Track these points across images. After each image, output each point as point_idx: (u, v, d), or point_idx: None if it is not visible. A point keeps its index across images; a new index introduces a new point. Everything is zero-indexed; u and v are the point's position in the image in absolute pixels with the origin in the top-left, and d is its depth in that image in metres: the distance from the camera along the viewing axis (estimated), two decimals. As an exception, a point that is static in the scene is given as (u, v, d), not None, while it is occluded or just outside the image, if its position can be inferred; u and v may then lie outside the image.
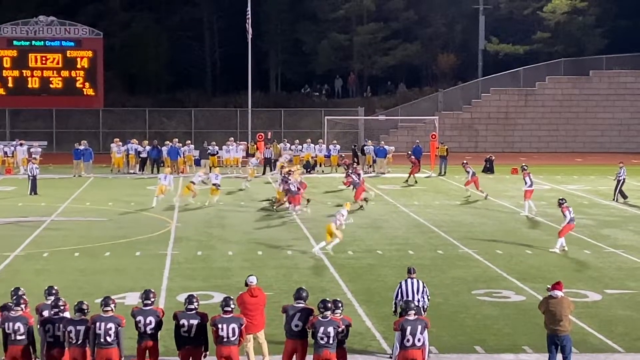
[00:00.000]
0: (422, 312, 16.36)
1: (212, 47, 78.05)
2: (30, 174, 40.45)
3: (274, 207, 36.22)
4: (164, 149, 49.50)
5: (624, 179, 39.31)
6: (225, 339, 14.64)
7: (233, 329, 14.66)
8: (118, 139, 50.53)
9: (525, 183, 35.12)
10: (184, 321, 14.73)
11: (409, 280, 17.38)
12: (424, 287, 17.36)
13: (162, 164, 49.14)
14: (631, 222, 33.76)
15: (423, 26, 75.24)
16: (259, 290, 16.28)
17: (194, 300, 14.90)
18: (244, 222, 33.11)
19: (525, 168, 36.24)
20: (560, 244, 27.65)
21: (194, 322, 14.72)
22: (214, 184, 37.98)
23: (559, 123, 67.34)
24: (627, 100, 67.95)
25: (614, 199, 39.10)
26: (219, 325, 14.69)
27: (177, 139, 50.96)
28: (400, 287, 17.30)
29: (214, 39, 77.88)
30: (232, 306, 14.83)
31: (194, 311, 14.82)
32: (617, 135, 66.99)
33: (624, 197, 39.05)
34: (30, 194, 39.80)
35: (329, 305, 14.61)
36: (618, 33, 72.48)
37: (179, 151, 49.23)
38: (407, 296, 16.95)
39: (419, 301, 16.91)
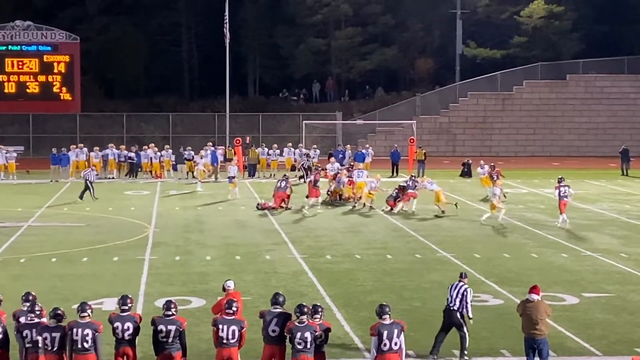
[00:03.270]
0: (460, 318, 17.13)
1: (190, 51, 77.88)
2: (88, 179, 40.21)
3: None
4: (142, 154, 49.50)
5: None
6: (225, 340, 14.65)
7: (233, 331, 14.66)
8: (98, 147, 50.39)
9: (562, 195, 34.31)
10: (161, 327, 14.68)
11: (456, 284, 17.73)
12: (465, 292, 17.52)
13: (141, 169, 49.22)
14: (608, 226, 33.91)
15: (401, 30, 75.35)
16: (237, 295, 16.27)
17: (172, 305, 14.87)
18: (222, 227, 33.06)
19: (562, 180, 34.84)
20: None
21: (172, 327, 14.68)
22: (229, 177, 40.79)
23: (536, 127, 67.59)
24: (604, 105, 68.28)
25: None
26: (220, 326, 14.71)
27: (153, 144, 50.97)
28: (449, 289, 17.66)
29: (191, 43, 77.71)
30: (235, 308, 14.82)
31: (172, 317, 14.77)
32: (594, 139, 67.28)
33: None
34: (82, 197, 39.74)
35: (305, 310, 14.60)
36: (594, 37, 72.86)
37: (154, 156, 49.28)
38: (449, 297, 17.52)
39: (457, 304, 17.31)
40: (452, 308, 17.45)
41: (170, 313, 14.78)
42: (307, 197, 37.52)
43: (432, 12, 75.03)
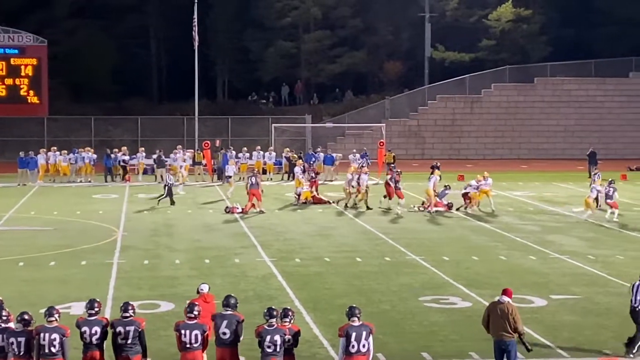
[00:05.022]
0: None
1: (159, 55, 77.65)
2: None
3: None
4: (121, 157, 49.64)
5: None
6: (188, 345, 14.57)
7: (196, 335, 14.58)
8: (66, 150, 50.17)
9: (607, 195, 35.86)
10: (120, 328, 14.62)
11: (638, 283, 17.96)
12: None
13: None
14: (576, 228, 34.11)
15: (370, 34, 75.49)
16: (211, 297, 16.25)
17: (129, 307, 14.81)
18: (191, 230, 32.96)
19: (612, 181, 36.64)
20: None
21: (130, 328, 14.60)
22: (227, 176, 42.74)
23: (505, 130, 67.96)
24: (571, 107, 68.76)
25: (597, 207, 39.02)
26: (182, 331, 14.62)
27: (125, 147, 50.95)
28: (632, 288, 18.09)
29: (160, 47, 77.47)
30: (196, 312, 14.75)
31: (129, 318, 14.70)
32: (562, 141, 67.72)
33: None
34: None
35: (275, 313, 14.58)
36: (562, 41, 73.33)
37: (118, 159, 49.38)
38: (633, 298, 17.86)
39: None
40: (637, 309, 17.74)
41: (128, 314, 14.71)
42: (385, 197, 38.65)
43: (401, 16, 75.24)
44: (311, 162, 48.03)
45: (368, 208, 38.33)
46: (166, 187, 39.41)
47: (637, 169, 58.07)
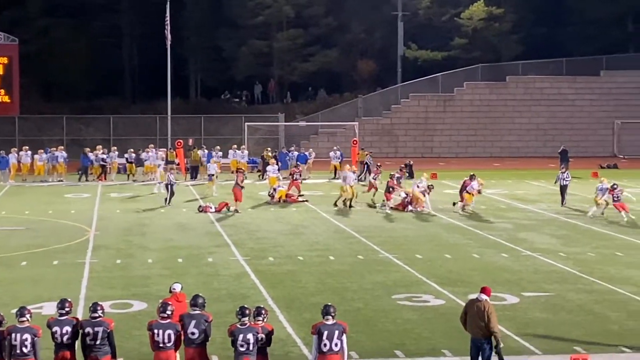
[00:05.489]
0: None
1: (131, 53, 77.36)
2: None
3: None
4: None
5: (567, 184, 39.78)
6: (161, 344, 14.52)
7: (169, 334, 14.52)
8: (42, 150, 49.92)
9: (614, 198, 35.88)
10: (88, 329, 14.55)
11: None
12: None
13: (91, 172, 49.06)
14: (548, 226, 34.29)
15: (342, 32, 75.51)
16: (183, 296, 16.21)
17: (98, 307, 14.74)
18: (164, 230, 32.86)
19: (616, 187, 36.20)
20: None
21: (99, 329, 14.54)
22: (209, 175, 43.17)
23: (477, 128, 68.19)
24: (543, 106, 69.08)
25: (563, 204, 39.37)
26: (155, 331, 14.57)
27: (100, 146, 50.85)
28: None
29: (133, 45, 77.20)
30: (169, 312, 14.70)
31: (98, 318, 14.64)
32: (534, 140, 68.05)
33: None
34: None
35: (247, 312, 14.56)
36: (534, 39, 73.66)
37: (96, 159, 49.10)
38: None
39: None
40: None
41: (96, 315, 14.64)
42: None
43: (374, 14, 75.32)
44: (297, 163, 48.18)
45: (350, 206, 38.30)
46: (169, 187, 39.19)
47: (608, 166, 58.45)
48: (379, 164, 44.57)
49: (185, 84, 76.80)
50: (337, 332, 14.48)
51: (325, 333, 14.45)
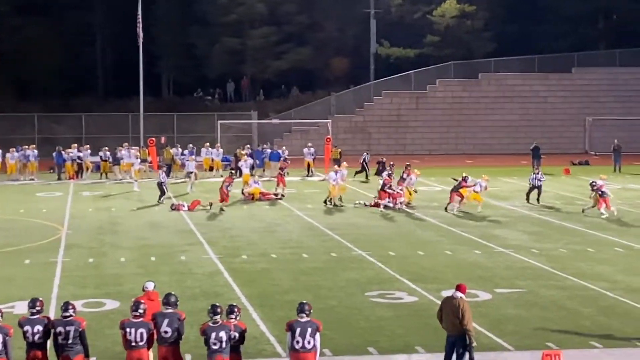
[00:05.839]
0: None
1: (104, 51, 77.06)
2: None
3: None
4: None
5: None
6: (133, 343, 14.47)
7: (141, 333, 14.48)
8: (14, 149, 49.65)
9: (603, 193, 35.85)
10: (60, 328, 14.49)
11: None
12: None
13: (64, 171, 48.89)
14: (520, 222, 34.43)
15: (315, 30, 75.55)
16: (155, 295, 16.16)
17: (70, 306, 14.66)
18: (137, 228, 32.76)
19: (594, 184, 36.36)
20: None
21: (70, 328, 14.47)
22: (188, 172, 44.41)
23: (450, 125, 68.40)
24: (515, 103, 69.39)
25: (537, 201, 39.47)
26: (128, 330, 14.52)
27: (76, 145, 50.63)
28: None
29: (105, 43, 76.89)
30: (142, 310, 14.65)
31: (70, 317, 14.58)
32: (506, 137, 68.28)
33: (528, 200, 39.53)
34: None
35: (218, 310, 14.54)
36: (506, 37, 73.97)
37: (67, 157, 48.90)
38: None
39: None
40: None
41: (68, 314, 14.58)
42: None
43: (347, 12, 75.42)
44: (286, 157, 48.46)
45: (335, 205, 38.28)
46: (161, 185, 39.04)
47: (580, 163, 58.80)
48: (392, 162, 44.54)
49: (158, 82, 76.56)
50: (310, 330, 14.48)
51: (298, 330, 14.45)
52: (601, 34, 77.96)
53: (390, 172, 40.55)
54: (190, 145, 52.06)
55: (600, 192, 35.50)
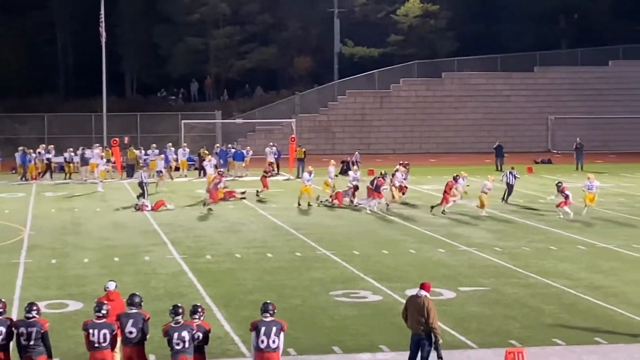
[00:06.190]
0: None
1: (66, 51, 76.58)
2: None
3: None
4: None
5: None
6: (96, 344, 14.40)
7: (104, 334, 14.41)
8: None
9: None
10: (22, 329, 14.38)
11: None
12: None
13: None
14: (484, 221, 34.60)
15: (279, 29, 75.55)
16: (116, 295, 16.08)
17: (34, 307, 14.55)
18: (100, 229, 32.58)
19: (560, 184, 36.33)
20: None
21: (33, 329, 14.37)
22: (157, 171, 44.82)
23: (414, 124, 68.61)
24: (478, 102, 69.73)
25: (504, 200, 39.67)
26: (90, 331, 14.44)
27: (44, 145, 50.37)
28: None
29: (67, 43, 76.42)
30: (104, 311, 14.58)
31: (32, 319, 14.48)
32: (469, 135, 68.60)
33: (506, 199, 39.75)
34: None
35: (180, 310, 14.50)
36: (469, 36, 74.33)
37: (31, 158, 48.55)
38: None
39: None
40: None
41: (30, 315, 14.47)
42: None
43: (310, 11, 75.46)
44: (270, 161, 48.70)
45: (309, 205, 38.34)
46: (142, 185, 38.80)
47: (543, 161, 59.21)
48: (407, 162, 44.63)
49: (121, 81, 76.21)
50: (274, 329, 14.48)
51: (263, 329, 14.44)
52: (563, 33, 78.57)
53: (405, 175, 40.45)
54: (154, 145, 51.86)
55: (565, 195, 35.58)
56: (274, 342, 14.44)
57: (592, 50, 71.88)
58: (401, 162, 42.80)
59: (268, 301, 14.99)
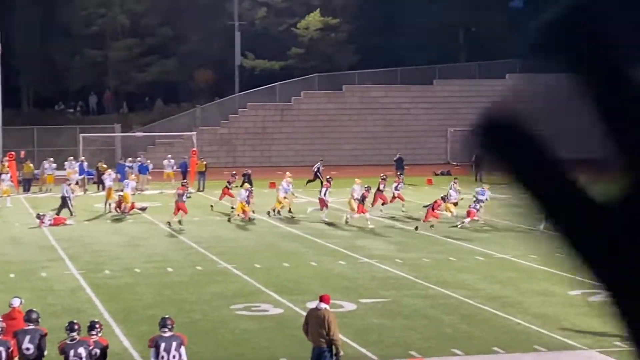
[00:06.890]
0: None
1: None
2: None
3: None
4: None
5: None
6: None
7: (0, 352, 14.12)
8: None
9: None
10: None
11: None
12: None
13: None
14: (385, 233, 34.86)
15: (179, 42, 75.06)
16: (18, 313, 15.78)
17: None
18: (-5, 245, 31.91)
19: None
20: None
21: None
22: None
23: (315, 137, 68.82)
24: (378, 114, 70.27)
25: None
26: None
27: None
28: None
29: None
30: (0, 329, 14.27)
31: None
32: (370, 147, 69.05)
33: None
34: None
35: (76, 327, 14.28)
36: (369, 49, 74.86)
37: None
38: None
39: None
40: None
41: None
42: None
43: (211, 24, 75.13)
44: (234, 172, 48.08)
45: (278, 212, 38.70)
46: (64, 199, 37.95)
47: (442, 173, 59.94)
48: (399, 172, 44.66)
49: (17, 94, 74.73)
50: (174, 344, 14.37)
51: (163, 345, 14.31)
52: (461, 46, 79.78)
53: (398, 184, 41.28)
54: (51, 159, 50.97)
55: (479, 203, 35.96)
56: (174, 357, 14.32)
57: (489, 64, 73.10)
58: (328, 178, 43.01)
59: (166, 316, 14.87)
